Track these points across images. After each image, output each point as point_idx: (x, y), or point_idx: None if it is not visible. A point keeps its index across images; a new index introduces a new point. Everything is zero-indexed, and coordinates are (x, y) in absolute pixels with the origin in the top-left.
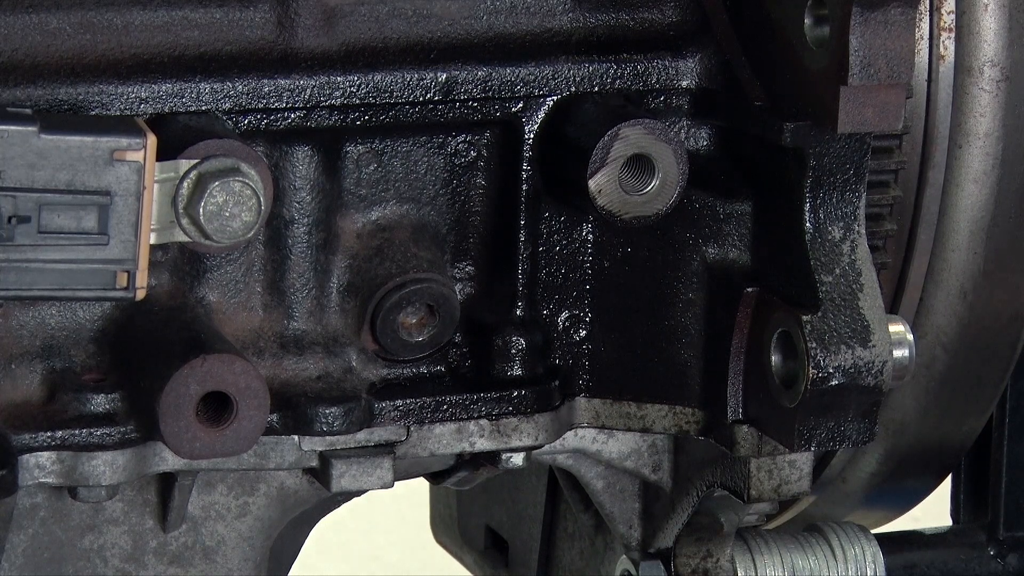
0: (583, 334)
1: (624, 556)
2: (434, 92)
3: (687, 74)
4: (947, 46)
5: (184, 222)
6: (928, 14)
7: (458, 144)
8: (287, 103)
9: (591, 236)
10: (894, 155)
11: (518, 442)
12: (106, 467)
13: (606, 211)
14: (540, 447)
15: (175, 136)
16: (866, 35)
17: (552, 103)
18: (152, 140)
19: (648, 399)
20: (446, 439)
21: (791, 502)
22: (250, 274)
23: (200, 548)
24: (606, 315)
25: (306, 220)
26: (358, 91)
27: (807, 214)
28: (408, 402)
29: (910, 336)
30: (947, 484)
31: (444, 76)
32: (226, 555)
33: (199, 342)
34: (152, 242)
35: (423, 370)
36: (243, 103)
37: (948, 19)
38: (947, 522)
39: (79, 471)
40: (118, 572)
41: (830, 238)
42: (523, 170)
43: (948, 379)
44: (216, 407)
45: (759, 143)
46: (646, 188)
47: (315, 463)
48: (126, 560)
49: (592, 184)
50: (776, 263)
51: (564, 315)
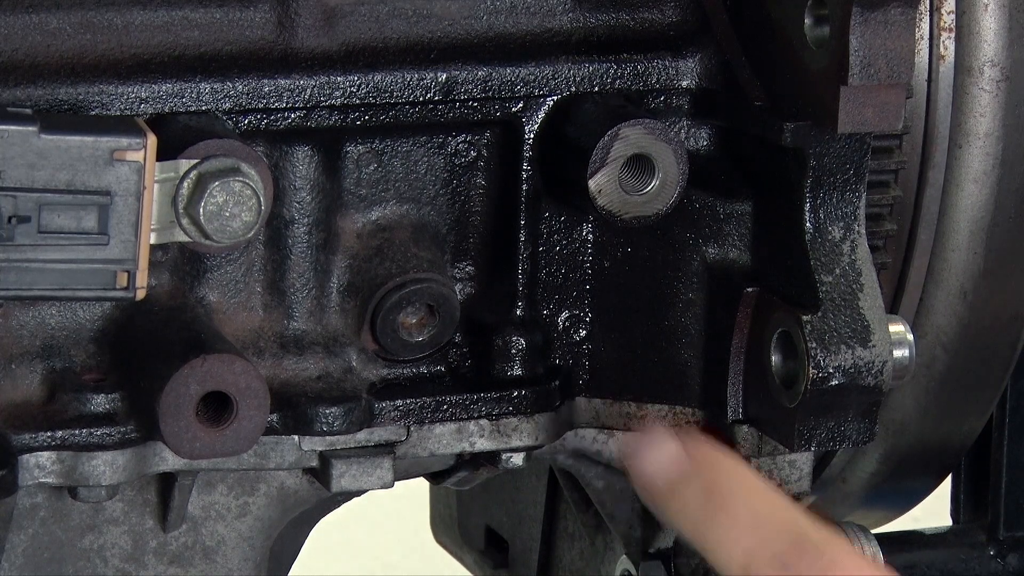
0: (583, 334)
1: (624, 556)
2: (434, 92)
3: (687, 74)
4: (947, 46)
5: (184, 222)
6: (928, 14)
7: (458, 144)
8: (287, 103)
9: (591, 236)
10: (894, 155)
11: (518, 442)
12: (106, 467)
13: (606, 211)
14: (540, 447)
15: (175, 136)
16: (866, 35)
17: (552, 103)
18: (152, 140)
19: (648, 399)
20: (446, 439)
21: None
22: (250, 274)
23: (200, 548)
24: (606, 315)
25: (306, 220)
26: (358, 91)
27: (807, 214)
28: (408, 402)
29: (910, 336)
30: (947, 484)
31: (444, 76)
32: (226, 555)
33: (199, 342)
34: (152, 242)
35: (423, 370)
36: (243, 103)
37: (948, 19)
38: (947, 522)
39: (79, 471)
40: (118, 572)
41: (830, 238)
42: (523, 170)
43: (948, 379)
44: (216, 407)
45: (759, 143)
46: (646, 188)
47: (315, 463)
48: (126, 560)
49: (592, 184)
50: (776, 263)
51: (564, 315)
